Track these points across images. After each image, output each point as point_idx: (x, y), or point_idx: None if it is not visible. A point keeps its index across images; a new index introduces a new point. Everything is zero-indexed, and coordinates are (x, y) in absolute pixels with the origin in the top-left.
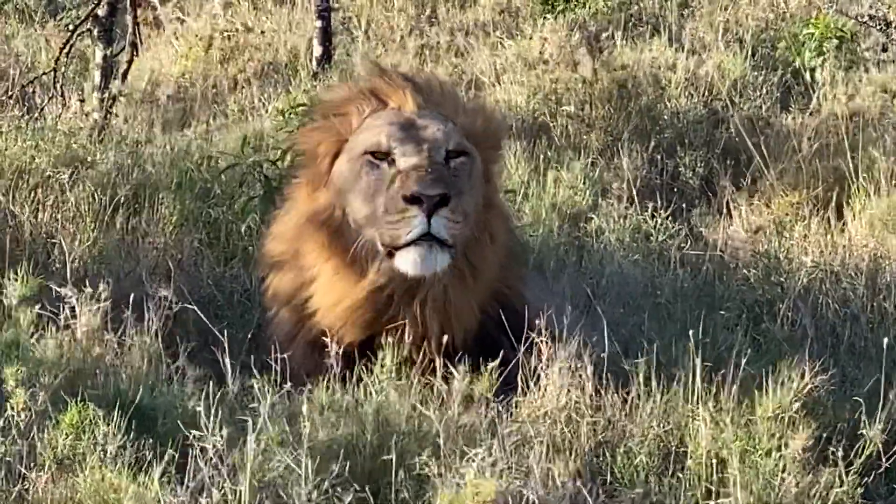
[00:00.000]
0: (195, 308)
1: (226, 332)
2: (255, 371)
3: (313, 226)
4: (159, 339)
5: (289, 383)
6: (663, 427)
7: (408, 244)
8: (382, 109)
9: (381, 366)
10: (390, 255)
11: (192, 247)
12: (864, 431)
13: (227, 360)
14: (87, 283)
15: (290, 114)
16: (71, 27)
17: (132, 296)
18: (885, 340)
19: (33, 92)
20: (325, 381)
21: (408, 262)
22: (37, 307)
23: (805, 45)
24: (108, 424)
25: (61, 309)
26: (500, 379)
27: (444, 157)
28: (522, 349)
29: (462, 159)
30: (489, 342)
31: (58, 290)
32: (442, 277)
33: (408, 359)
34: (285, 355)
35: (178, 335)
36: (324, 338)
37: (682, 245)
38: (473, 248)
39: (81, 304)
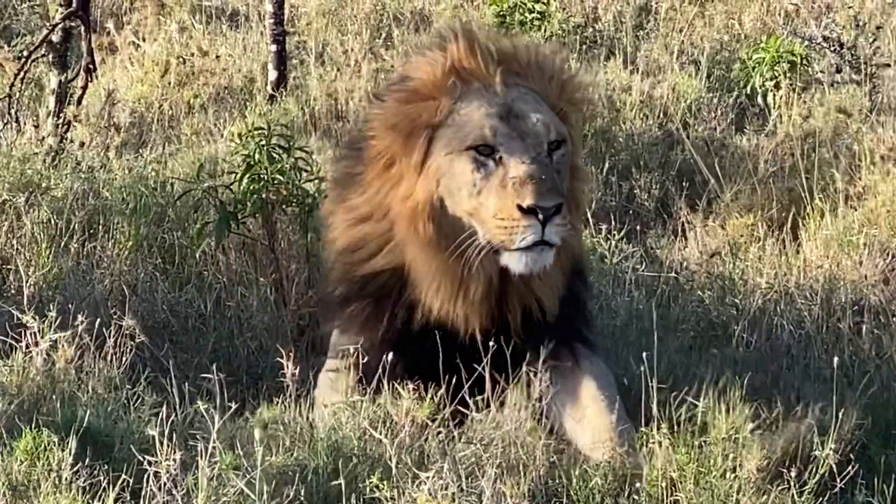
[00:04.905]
0: (147, 341)
1: (180, 356)
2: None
3: (410, 214)
4: (115, 364)
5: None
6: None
7: (519, 249)
8: (469, 89)
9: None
10: (496, 252)
11: (147, 272)
12: (816, 452)
13: (173, 385)
14: (51, 308)
15: (247, 137)
16: (25, 53)
17: (97, 321)
18: (836, 360)
19: None
20: (281, 400)
21: (520, 263)
22: None
23: (756, 70)
24: (63, 450)
25: (23, 335)
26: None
27: (547, 151)
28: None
29: (562, 151)
30: (566, 311)
31: (20, 316)
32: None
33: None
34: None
35: (136, 361)
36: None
37: (638, 267)
38: None
39: (43, 332)
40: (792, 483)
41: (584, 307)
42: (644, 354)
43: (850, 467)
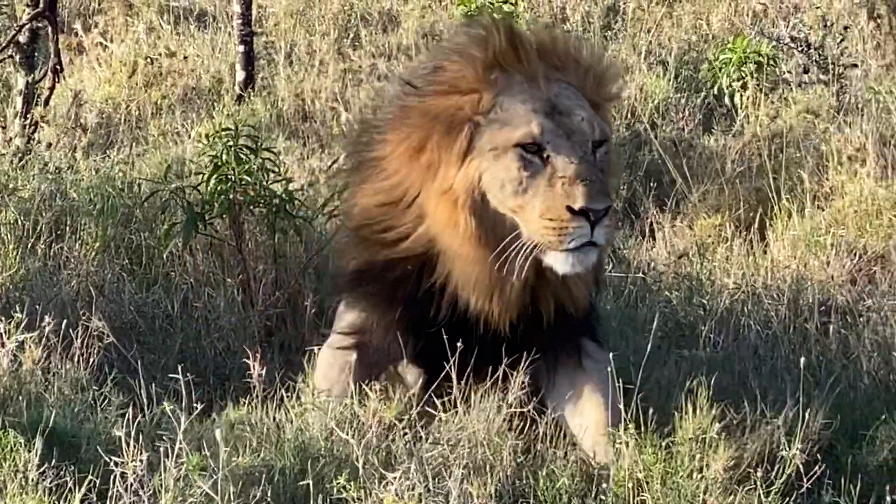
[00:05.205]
0: (114, 342)
1: (147, 357)
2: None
3: (449, 208)
4: (82, 365)
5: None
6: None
7: (567, 250)
8: (511, 83)
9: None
10: (541, 251)
11: (114, 273)
12: (783, 452)
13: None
14: (18, 309)
15: (214, 138)
16: None
17: (64, 322)
18: (803, 360)
19: None
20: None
21: (565, 264)
22: None
23: (723, 70)
24: (30, 451)
25: None
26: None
27: (591, 150)
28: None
29: (604, 149)
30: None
31: None
32: None
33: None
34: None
35: (103, 362)
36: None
37: (605, 267)
38: None
39: (10, 332)
40: (759, 483)
41: (595, 302)
42: (611, 355)
43: (816, 467)
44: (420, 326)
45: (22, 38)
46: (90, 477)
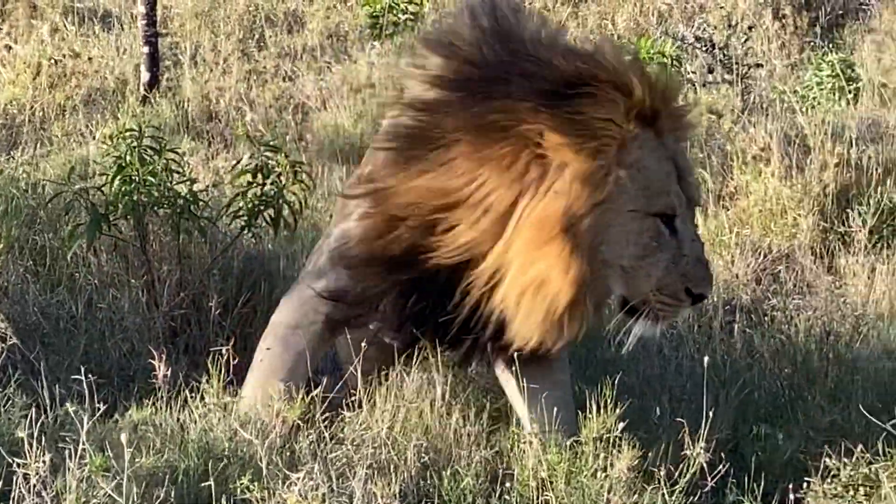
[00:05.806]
0: (18, 343)
1: (51, 358)
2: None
3: (567, 245)
4: None
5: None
6: (490, 450)
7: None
8: (644, 136)
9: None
10: (628, 311)
11: (18, 274)
12: (688, 451)
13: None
14: None
15: (118, 139)
16: None
17: None
18: (707, 360)
19: None
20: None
21: (650, 331)
22: None
23: None
24: None
25: None
26: None
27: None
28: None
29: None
30: None
31: None
32: None
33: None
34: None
35: (6, 363)
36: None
37: None
38: None
39: None
40: (663, 482)
41: None
42: (516, 355)
43: (721, 466)
44: (431, 314)
45: None
46: None
